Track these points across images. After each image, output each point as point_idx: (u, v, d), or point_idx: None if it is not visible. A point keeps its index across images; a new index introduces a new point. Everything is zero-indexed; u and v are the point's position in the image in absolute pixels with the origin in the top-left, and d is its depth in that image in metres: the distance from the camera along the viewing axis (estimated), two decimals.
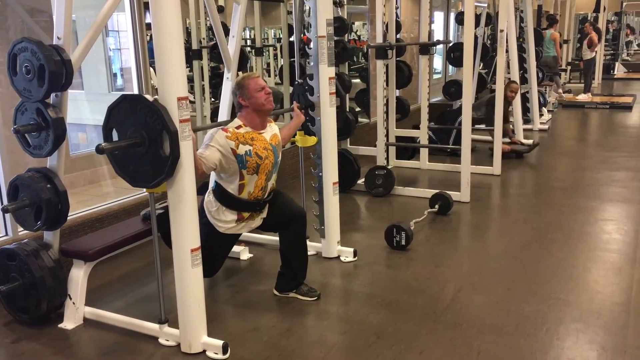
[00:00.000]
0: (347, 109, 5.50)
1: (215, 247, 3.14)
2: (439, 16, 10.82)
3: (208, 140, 2.93)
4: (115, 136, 2.62)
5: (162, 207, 2.99)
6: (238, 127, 3.00)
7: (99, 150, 2.45)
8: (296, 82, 3.81)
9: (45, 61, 2.62)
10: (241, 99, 3.01)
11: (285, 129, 3.46)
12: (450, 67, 10.59)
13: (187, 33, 5.63)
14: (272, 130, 3.17)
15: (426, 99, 6.18)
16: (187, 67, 5.05)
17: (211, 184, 3.14)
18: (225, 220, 3.06)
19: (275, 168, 3.13)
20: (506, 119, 6.86)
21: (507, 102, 6.82)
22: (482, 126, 6.86)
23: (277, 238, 3.31)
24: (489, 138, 6.61)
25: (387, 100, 5.74)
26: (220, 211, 3.06)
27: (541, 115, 8.82)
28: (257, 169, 2.99)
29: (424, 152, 6.28)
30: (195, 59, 5.68)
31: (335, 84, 3.72)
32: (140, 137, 2.51)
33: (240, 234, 3.23)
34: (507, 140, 6.98)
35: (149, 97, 2.50)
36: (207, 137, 2.95)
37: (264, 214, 3.19)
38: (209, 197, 3.11)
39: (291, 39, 6.47)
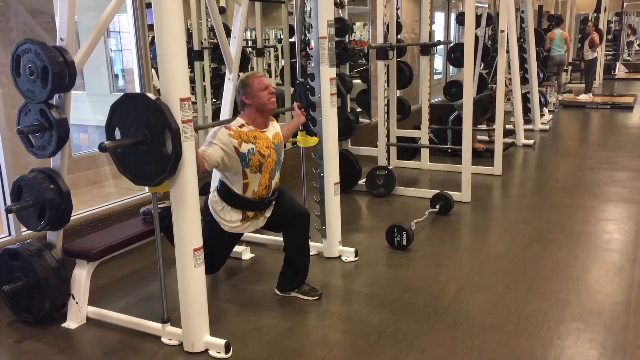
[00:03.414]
0: (348, 110, 5.51)
1: (218, 244, 3.15)
2: (439, 17, 10.83)
3: (211, 138, 2.94)
4: (118, 135, 2.63)
5: (161, 207, 3.00)
6: (241, 126, 3.01)
7: (102, 148, 2.46)
8: (297, 82, 3.83)
9: (48, 62, 2.63)
10: (244, 98, 3.02)
11: (285, 128, 3.47)
12: (451, 67, 10.60)
13: (189, 34, 5.65)
14: (275, 129, 3.18)
15: (427, 99, 6.20)
16: (188, 68, 5.07)
17: (216, 183, 3.15)
18: (230, 219, 3.08)
19: (278, 166, 3.14)
20: (493, 120, 6.84)
21: (494, 104, 6.81)
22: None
23: (279, 238, 3.33)
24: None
25: (388, 101, 5.76)
26: (225, 210, 3.07)
27: (542, 115, 8.83)
28: (260, 167, 3.00)
29: (424, 153, 6.29)
30: (196, 60, 5.70)
31: (337, 84, 3.73)
32: (143, 136, 2.52)
33: (243, 233, 3.25)
34: (484, 138, 6.99)
35: (151, 95, 2.51)
36: (210, 135, 2.96)
37: (268, 214, 3.21)
38: (214, 196, 3.12)
39: (292, 40, 6.49)
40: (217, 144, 2.91)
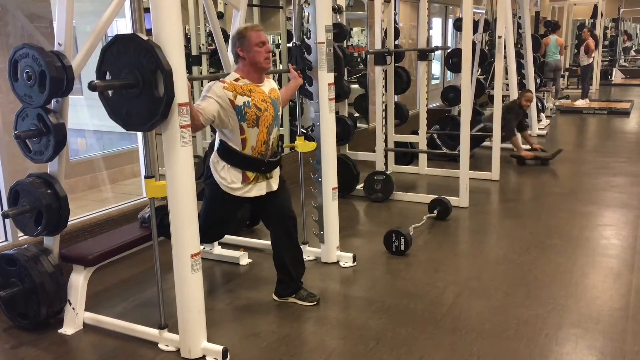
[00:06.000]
0: (347, 115, 5.51)
1: (217, 211, 3.11)
2: (437, 22, 10.87)
3: (205, 91, 2.89)
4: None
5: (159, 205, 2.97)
6: (236, 80, 2.95)
7: (92, 86, 2.39)
8: (293, 44, 3.76)
9: (46, 67, 2.63)
10: (240, 50, 2.95)
11: (283, 90, 3.41)
12: (449, 72, 10.62)
13: (187, 39, 5.65)
14: (271, 85, 3.12)
15: (425, 104, 6.21)
16: (186, 73, 5.07)
17: (216, 144, 3.07)
18: (230, 180, 3.00)
19: (276, 121, 3.08)
20: (524, 128, 6.82)
21: (523, 110, 6.82)
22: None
23: None
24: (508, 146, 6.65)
25: (386, 106, 5.76)
26: (225, 169, 3.00)
27: (539, 120, 8.85)
28: (257, 121, 2.94)
29: (422, 158, 6.30)
30: (194, 65, 5.70)
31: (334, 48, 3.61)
32: (134, 78, 2.45)
33: (243, 204, 3.17)
34: (527, 147, 6.93)
35: (142, 36, 2.46)
36: (205, 89, 2.91)
37: (272, 180, 3.14)
38: (214, 156, 3.05)
39: (290, 45, 6.49)
40: (212, 97, 2.85)
